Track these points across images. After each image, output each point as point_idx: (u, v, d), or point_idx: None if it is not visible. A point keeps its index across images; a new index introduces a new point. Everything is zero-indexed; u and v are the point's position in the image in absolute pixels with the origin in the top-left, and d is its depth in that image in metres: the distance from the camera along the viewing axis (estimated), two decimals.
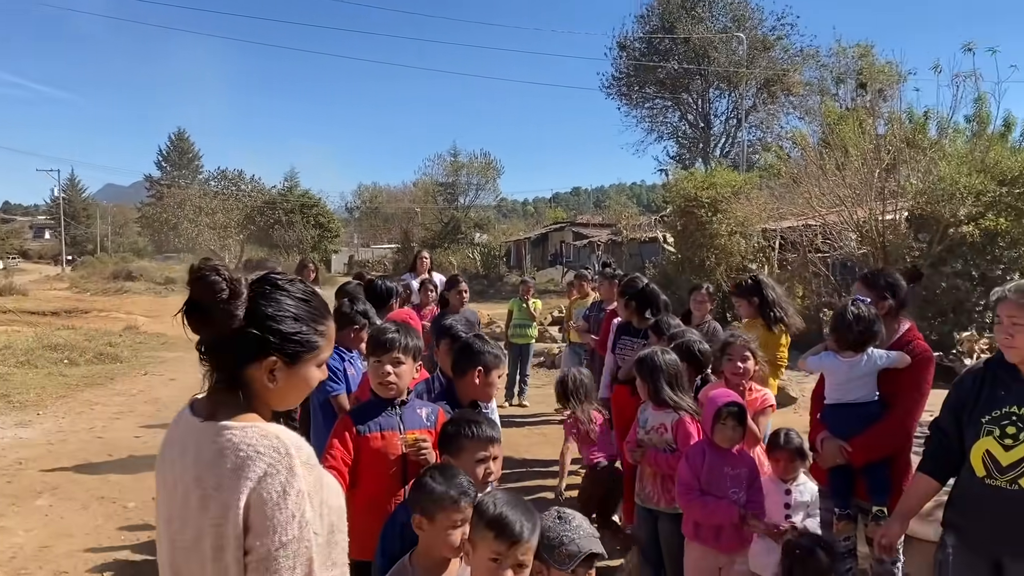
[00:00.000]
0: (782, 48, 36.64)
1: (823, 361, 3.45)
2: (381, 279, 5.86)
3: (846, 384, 3.37)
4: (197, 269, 1.53)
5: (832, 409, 3.43)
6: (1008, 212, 11.79)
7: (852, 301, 3.38)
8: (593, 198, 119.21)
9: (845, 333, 3.31)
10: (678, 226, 16.92)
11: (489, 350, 3.35)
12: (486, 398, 3.49)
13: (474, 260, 40.84)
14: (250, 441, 1.47)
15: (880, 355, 3.33)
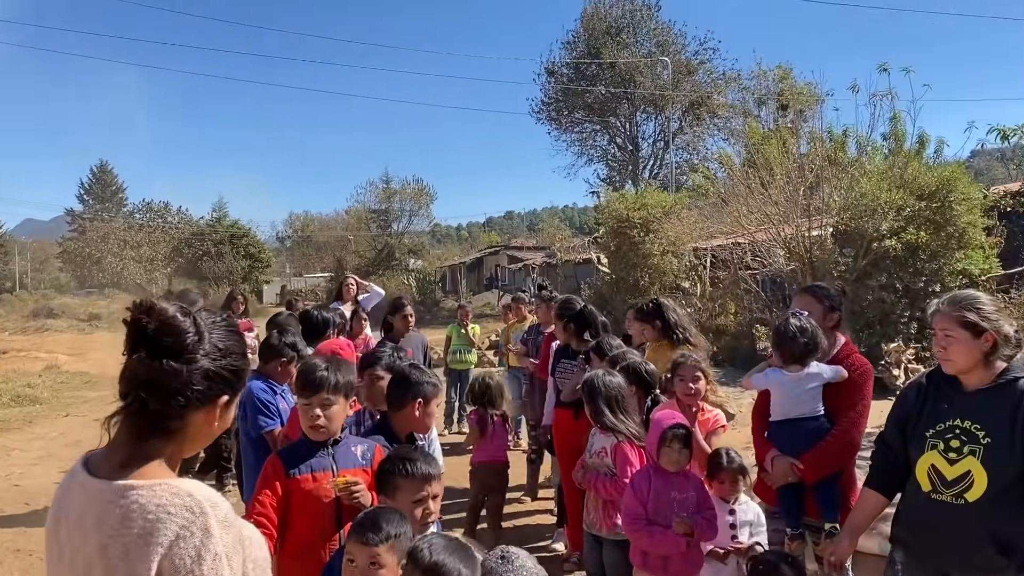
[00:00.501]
0: (705, 72, 37.58)
1: (769, 377, 3.40)
2: (317, 309, 5.60)
3: (794, 399, 3.33)
4: (160, 312, 1.39)
5: (780, 426, 3.38)
6: (927, 225, 12.21)
7: (792, 314, 3.36)
8: (526, 221, 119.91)
9: (791, 346, 3.27)
10: (611, 247, 17.07)
11: (427, 380, 3.22)
12: (424, 429, 3.35)
13: (409, 286, 40.48)
14: (160, 501, 1.32)
15: (824, 368, 3.32)
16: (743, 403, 10.87)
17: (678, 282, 16.30)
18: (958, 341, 2.53)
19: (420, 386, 3.18)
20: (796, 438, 3.31)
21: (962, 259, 12.70)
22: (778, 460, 3.30)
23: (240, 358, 1.50)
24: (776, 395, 3.38)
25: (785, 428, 3.35)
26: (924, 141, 13.52)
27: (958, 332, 2.53)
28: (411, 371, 3.27)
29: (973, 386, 2.57)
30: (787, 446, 3.31)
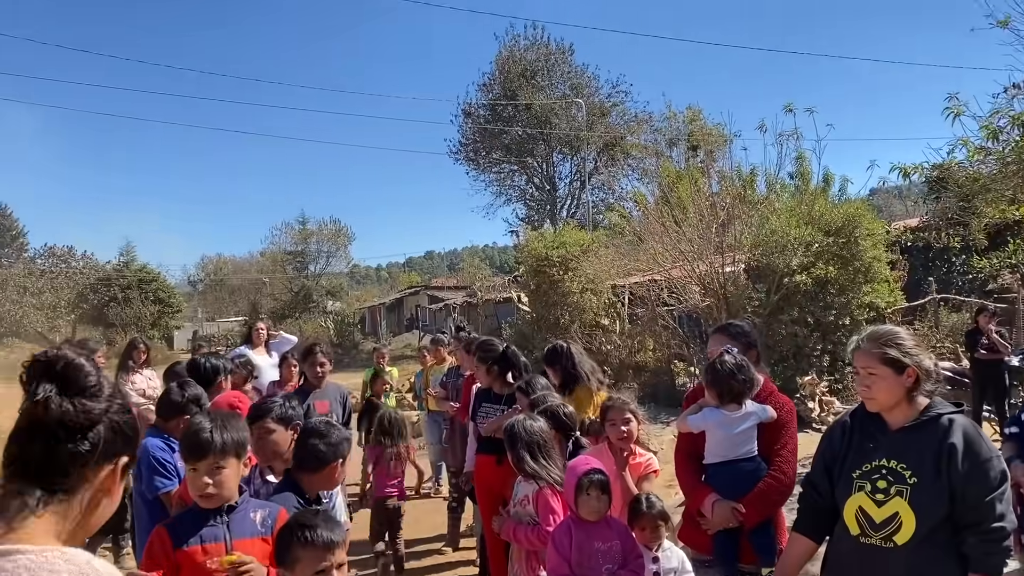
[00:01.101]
0: (618, 113, 38.43)
1: (708, 418, 3.28)
2: (205, 356, 5.17)
3: (732, 440, 3.23)
4: (66, 355, 1.28)
5: (719, 468, 3.26)
6: (835, 260, 12.60)
7: (725, 351, 3.28)
8: (447, 261, 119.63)
9: (728, 384, 3.19)
10: (531, 286, 17.03)
11: (346, 436, 3.03)
12: (333, 487, 3.13)
13: (327, 329, 39.64)
14: (51, 567, 1.14)
15: (757, 408, 3.24)
16: (664, 440, 10.87)
17: (597, 319, 16.34)
18: (881, 378, 2.48)
19: (340, 446, 2.98)
20: (735, 481, 3.20)
21: (869, 292, 13.14)
22: (719, 505, 3.17)
23: (134, 420, 1.37)
24: (714, 436, 3.27)
25: (723, 470, 3.24)
26: (829, 179, 14.03)
27: (880, 369, 2.48)
28: (329, 429, 3.05)
29: (897, 424, 2.51)
30: (726, 489, 3.20)
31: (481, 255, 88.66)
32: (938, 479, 2.37)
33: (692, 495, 3.31)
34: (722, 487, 3.21)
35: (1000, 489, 2.33)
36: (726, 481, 3.21)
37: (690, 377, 14.56)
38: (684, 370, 14.80)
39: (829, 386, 12.41)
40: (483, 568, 5.39)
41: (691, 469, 3.36)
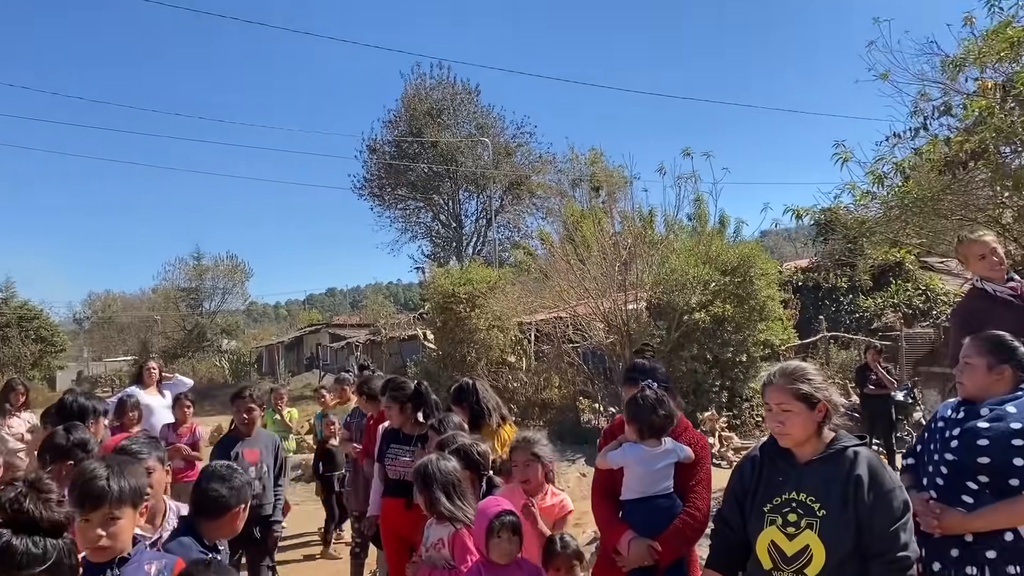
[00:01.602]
0: (523, 154, 39.08)
1: (628, 454, 3.27)
2: (75, 396, 4.75)
3: (652, 475, 3.23)
4: None
5: (636, 504, 3.24)
6: (731, 299, 13.03)
7: (646, 386, 3.29)
8: (349, 298, 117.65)
9: (650, 420, 3.19)
10: (438, 323, 16.90)
11: (248, 480, 2.88)
12: (233, 534, 2.96)
13: (222, 368, 38.24)
14: None
15: (678, 447, 3.25)
16: (570, 478, 10.90)
17: (504, 357, 16.34)
18: (794, 414, 2.53)
19: (243, 490, 2.83)
20: (652, 517, 3.19)
21: (764, 330, 13.64)
22: (635, 543, 3.15)
23: None
24: (632, 471, 3.26)
25: (640, 507, 3.23)
26: (725, 221, 14.57)
27: (794, 405, 2.53)
28: (231, 473, 2.89)
29: (805, 457, 2.56)
30: (642, 526, 3.18)
31: (385, 292, 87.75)
32: (845, 511, 2.42)
33: (608, 532, 3.28)
34: (638, 524, 3.20)
35: (903, 519, 2.40)
36: (643, 517, 3.20)
37: (594, 414, 14.69)
38: (589, 407, 14.93)
39: (728, 421, 12.75)
40: None
41: (607, 506, 3.34)
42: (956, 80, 7.47)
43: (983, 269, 4.10)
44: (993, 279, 4.09)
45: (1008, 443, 2.72)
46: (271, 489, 5.28)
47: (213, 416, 23.23)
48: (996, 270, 4.07)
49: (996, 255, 4.10)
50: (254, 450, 5.25)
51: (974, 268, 4.16)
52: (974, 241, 4.15)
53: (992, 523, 2.72)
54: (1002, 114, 6.11)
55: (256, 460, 5.15)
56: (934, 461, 2.94)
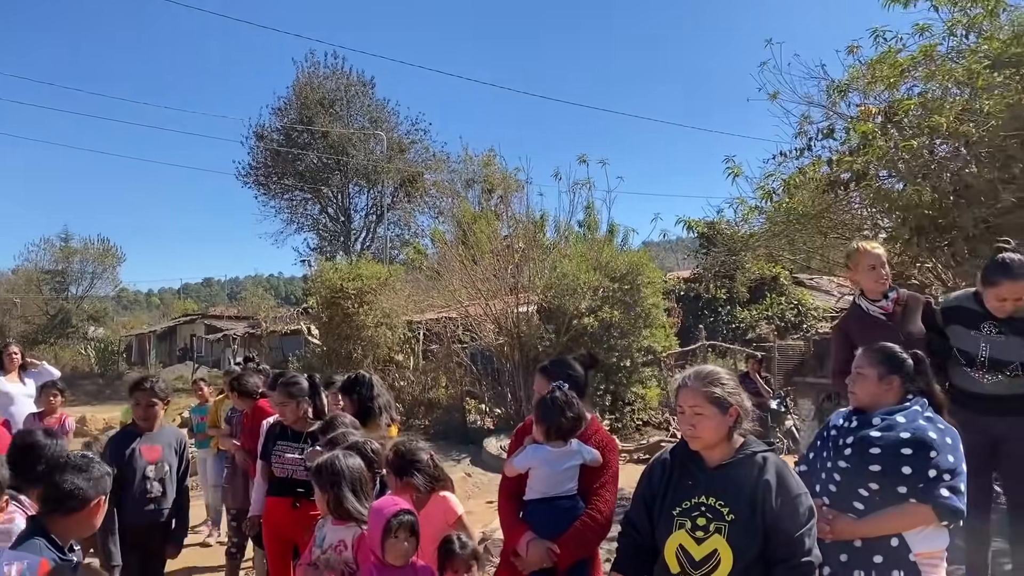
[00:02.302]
0: (417, 151, 38.70)
1: (532, 455, 3.22)
2: None
3: (555, 476, 3.20)
4: None
5: (538, 505, 3.20)
6: (619, 305, 13.31)
7: (556, 387, 3.26)
8: (227, 289, 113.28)
9: (557, 421, 3.16)
10: (323, 318, 16.49)
11: (107, 471, 2.65)
12: (90, 532, 2.73)
13: (88, 356, 36.04)
14: None
15: (585, 449, 3.23)
16: (454, 478, 10.83)
17: (392, 355, 16.12)
18: (706, 417, 2.55)
19: (102, 481, 2.61)
20: (553, 519, 3.15)
21: (648, 336, 14.00)
22: (534, 544, 3.11)
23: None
24: (536, 472, 3.22)
25: (541, 508, 3.19)
26: (614, 229, 14.90)
27: (706, 408, 2.55)
28: (89, 463, 2.65)
29: (715, 461, 2.59)
30: (543, 527, 3.15)
31: (266, 284, 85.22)
32: (754, 516, 2.46)
33: (509, 533, 3.23)
34: (539, 525, 3.16)
35: (808, 525, 2.46)
36: (544, 518, 3.17)
37: (481, 415, 14.68)
38: (476, 407, 14.91)
39: (610, 425, 13.00)
40: None
41: (511, 508, 3.30)
42: (838, 105, 7.87)
43: (869, 280, 4.29)
44: (874, 291, 4.30)
45: (898, 451, 2.85)
46: (172, 493, 4.70)
47: (76, 407, 21.87)
48: (880, 283, 4.28)
49: (884, 269, 4.31)
50: (155, 447, 4.64)
51: (861, 277, 4.33)
52: (868, 251, 4.31)
53: (880, 529, 2.84)
54: (883, 139, 6.47)
55: (156, 459, 4.60)
56: (827, 468, 3.04)
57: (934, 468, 2.80)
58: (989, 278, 3.96)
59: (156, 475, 4.57)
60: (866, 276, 4.29)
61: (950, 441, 2.88)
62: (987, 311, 4.05)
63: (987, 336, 4.06)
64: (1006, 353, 4.03)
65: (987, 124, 6.00)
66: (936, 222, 6.78)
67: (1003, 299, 3.94)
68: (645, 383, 14.10)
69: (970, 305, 4.13)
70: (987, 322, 4.06)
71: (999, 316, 4.01)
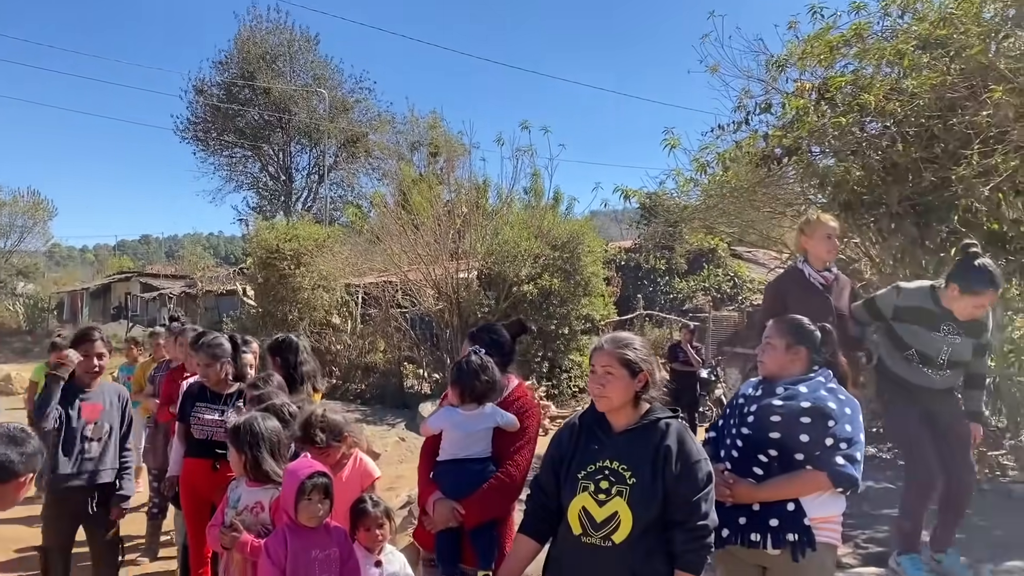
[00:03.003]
0: (361, 110, 38.05)
1: (445, 417, 3.23)
2: None
3: (466, 439, 3.19)
4: None
5: (446, 466, 3.21)
6: (559, 273, 13.38)
7: (472, 351, 3.26)
8: (165, 247, 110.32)
9: (471, 384, 3.16)
10: (259, 279, 16.22)
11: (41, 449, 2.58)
12: (9, 507, 2.65)
13: (16, 313, 34.88)
14: None
15: (500, 413, 3.23)
16: (388, 442, 10.82)
17: (328, 318, 15.95)
18: (616, 379, 2.59)
19: (35, 458, 2.52)
20: (461, 480, 3.16)
21: (587, 305, 14.12)
22: (440, 503, 3.12)
23: None
24: (448, 434, 3.22)
25: (451, 469, 3.20)
26: (558, 197, 14.91)
27: (617, 370, 2.59)
28: (25, 436, 2.54)
29: (620, 427, 2.62)
30: (451, 488, 3.16)
31: (205, 243, 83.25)
32: (654, 480, 2.50)
33: (421, 493, 3.24)
34: (448, 485, 3.18)
35: (706, 490, 2.51)
36: (450, 479, 3.18)
37: (419, 380, 14.67)
38: (413, 372, 14.88)
39: (547, 391, 13.13)
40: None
41: (426, 468, 3.30)
42: (777, 80, 7.95)
43: (822, 248, 4.38)
44: (822, 261, 4.39)
45: (797, 420, 2.92)
46: (115, 453, 4.45)
47: (2, 364, 21.18)
48: (830, 254, 4.41)
49: (835, 241, 4.44)
50: (95, 404, 4.35)
51: (813, 245, 4.41)
52: (824, 222, 4.40)
53: (777, 494, 2.92)
54: (816, 115, 6.56)
55: (96, 417, 4.34)
56: (732, 435, 3.12)
57: (831, 437, 2.89)
58: (974, 288, 3.97)
59: (95, 435, 4.31)
60: (820, 244, 4.38)
61: (849, 411, 2.96)
62: (945, 312, 4.12)
63: (947, 338, 4.16)
64: (962, 354, 4.19)
65: (913, 104, 6.12)
66: (863, 199, 6.92)
67: (981, 307, 4.01)
68: (583, 351, 14.25)
69: (929, 306, 4.19)
70: (947, 323, 4.14)
71: (961, 319, 4.08)
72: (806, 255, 4.50)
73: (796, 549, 2.87)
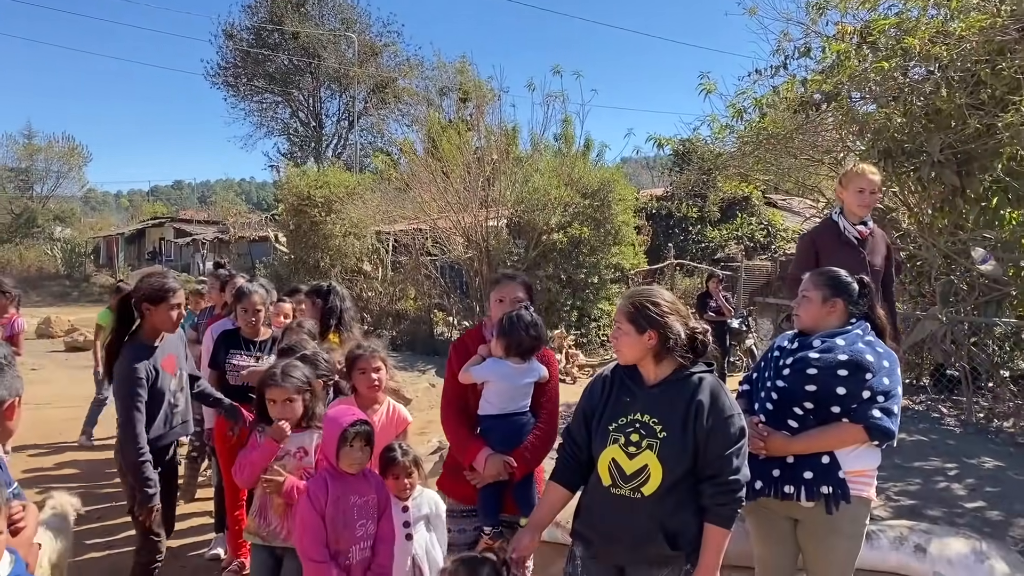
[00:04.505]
0: (390, 55, 37.67)
1: (492, 368, 3.24)
2: None
3: (514, 392, 3.24)
4: None
5: (493, 421, 3.24)
6: (589, 222, 13.28)
7: (524, 306, 3.28)
8: (198, 193, 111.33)
9: (520, 338, 3.18)
10: (291, 225, 16.32)
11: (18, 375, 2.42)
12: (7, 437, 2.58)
13: (54, 258, 35.54)
14: None
15: (538, 367, 3.28)
16: (419, 388, 10.96)
17: (359, 265, 16.05)
18: (625, 334, 2.59)
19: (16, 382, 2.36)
20: (509, 433, 3.22)
21: (616, 254, 14.04)
22: (492, 459, 3.16)
23: None
24: (495, 387, 3.24)
25: (498, 423, 3.23)
26: (589, 144, 14.72)
27: (625, 326, 2.59)
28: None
29: (653, 380, 2.61)
30: (500, 442, 3.20)
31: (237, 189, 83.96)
32: (685, 434, 2.49)
33: (463, 449, 3.25)
34: (496, 439, 3.21)
35: (738, 444, 2.50)
36: (501, 434, 3.22)
37: (448, 327, 14.77)
38: (443, 320, 14.98)
39: (576, 340, 13.16)
40: (219, 519, 5.07)
41: (460, 421, 3.32)
42: (817, 23, 7.72)
43: (854, 201, 4.26)
44: (855, 214, 4.28)
45: (834, 373, 2.89)
46: (188, 398, 4.07)
47: (42, 308, 21.67)
48: (861, 209, 4.26)
49: (873, 196, 4.28)
50: (170, 357, 3.88)
51: (848, 198, 4.30)
52: (861, 175, 4.25)
53: (812, 446, 2.91)
54: (857, 59, 6.37)
55: (175, 369, 3.92)
56: (766, 388, 3.09)
57: (868, 390, 2.85)
58: None
59: (178, 386, 3.96)
60: (852, 198, 4.26)
61: (887, 364, 2.92)
62: None
63: None
64: None
65: (959, 47, 5.91)
66: (904, 146, 6.76)
67: None
68: (612, 300, 14.22)
69: None
70: None
71: None
72: (843, 206, 4.41)
73: (830, 501, 2.87)
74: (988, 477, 5.59)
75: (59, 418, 8.30)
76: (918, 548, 3.52)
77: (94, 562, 4.79)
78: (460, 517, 3.42)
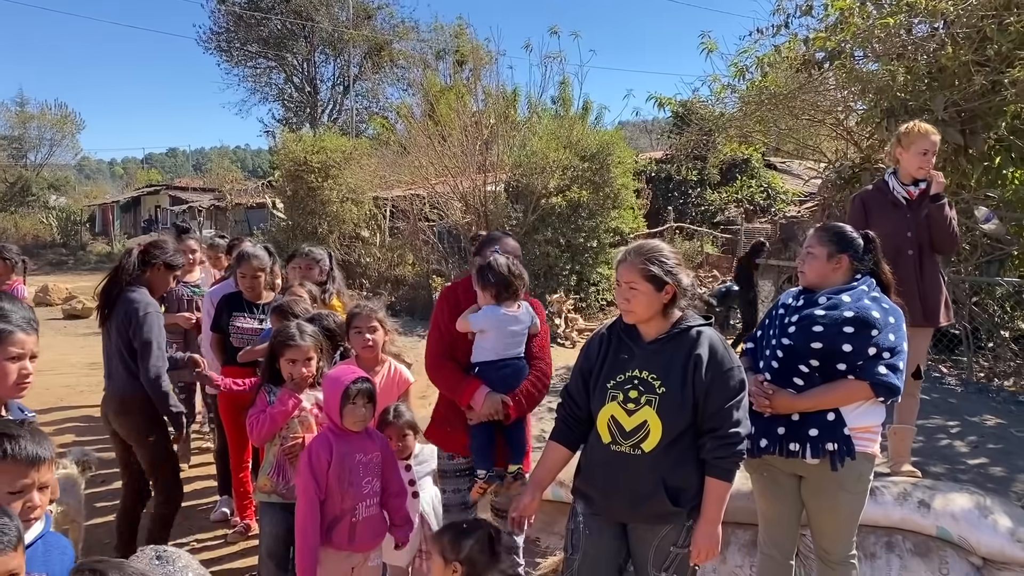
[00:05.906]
0: (385, 17, 37.10)
1: (489, 315, 3.22)
2: None
3: (511, 338, 3.25)
4: None
5: (489, 366, 3.24)
6: (588, 185, 13.18)
7: (494, 252, 3.27)
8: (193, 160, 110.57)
9: (507, 280, 3.18)
10: (288, 192, 16.20)
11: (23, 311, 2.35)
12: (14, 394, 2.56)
13: (49, 226, 35.38)
14: None
15: (531, 313, 3.31)
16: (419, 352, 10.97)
17: (357, 231, 15.98)
18: (641, 293, 2.52)
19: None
20: (505, 377, 3.23)
21: (616, 218, 13.97)
22: (489, 396, 3.16)
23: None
24: (491, 334, 3.23)
25: (493, 367, 3.23)
26: (588, 106, 14.59)
27: (641, 284, 2.52)
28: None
29: (651, 336, 2.59)
30: (498, 383, 3.21)
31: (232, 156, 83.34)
32: (684, 388, 2.48)
33: (461, 389, 3.23)
34: (496, 380, 3.22)
35: (738, 397, 2.49)
36: (497, 378, 3.21)
37: None
38: (442, 285, 14.95)
39: (575, 304, 13.14)
40: (223, 482, 5.09)
41: (452, 366, 3.31)
42: None
43: (913, 164, 4.13)
44: (911, 175, 4.14)
45: (840, 330, 2.87)
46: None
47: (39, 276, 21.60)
48: (920, 171, 4.12)
49: (931, 158, 4.13)
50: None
51: (907, 159, 4.14)
52: (924, 135, 4.09)
53: (818, 404, 2.90)
54: (861, 17, 6.27)
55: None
56: (771, 345, 3.07)
57: (874, 346, 2.84)
58: None
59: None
60: (913, 159, 4.09)
61: (893, 320, 2.90)
62: None
63: None
64: None
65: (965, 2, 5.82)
66: (907, 105, 6.68)
67: None
68: (611, 264, 14.17)
69: None
70: None
71: None
72: (897, 166, 4.31)
73: (835, 458, 2.87)
74: (990, 434, 5.62)
75: (59, 384, 8.33)
76: (922, 504, 3.53)
77: (99, 525, 4.80)
78: (454, 477, 3.43)
